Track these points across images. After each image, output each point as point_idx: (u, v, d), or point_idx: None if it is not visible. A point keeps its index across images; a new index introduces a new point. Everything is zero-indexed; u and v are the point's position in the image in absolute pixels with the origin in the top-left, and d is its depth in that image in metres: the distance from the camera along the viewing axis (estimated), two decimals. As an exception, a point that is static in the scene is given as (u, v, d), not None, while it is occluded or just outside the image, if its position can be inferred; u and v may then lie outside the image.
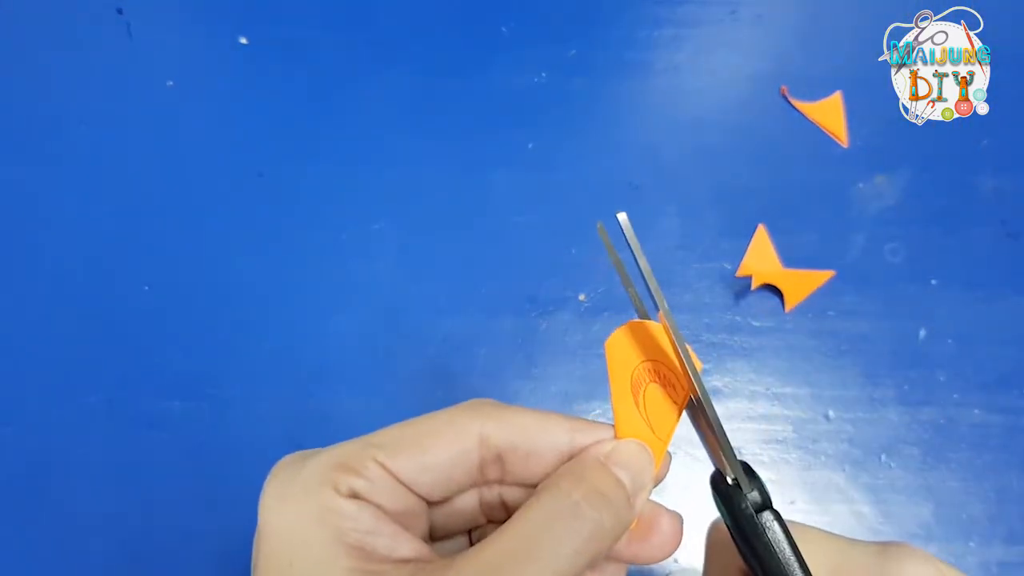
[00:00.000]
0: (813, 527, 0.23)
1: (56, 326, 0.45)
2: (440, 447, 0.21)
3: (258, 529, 0.20)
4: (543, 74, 0.51)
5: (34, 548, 0.41)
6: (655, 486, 0.22)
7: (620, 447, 0.21)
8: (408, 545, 0.20)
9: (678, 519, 0.22)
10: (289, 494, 0.20)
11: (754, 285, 0.45)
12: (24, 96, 0.51)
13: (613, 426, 0.22)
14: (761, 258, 0.46)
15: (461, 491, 0.22)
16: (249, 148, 0.49)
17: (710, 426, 0.21)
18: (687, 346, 0.21)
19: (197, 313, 0.45)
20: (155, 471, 0.42)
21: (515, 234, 0.47)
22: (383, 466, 0.20)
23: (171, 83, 0.51)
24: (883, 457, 0.42)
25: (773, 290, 0.46)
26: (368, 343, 0.44)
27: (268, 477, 0.21)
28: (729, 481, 0.21)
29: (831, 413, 0.43)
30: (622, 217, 0.20)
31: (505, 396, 0.44)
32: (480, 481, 0.22)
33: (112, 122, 0.50)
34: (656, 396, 0.22)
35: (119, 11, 0.53)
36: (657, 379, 0.22)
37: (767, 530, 0.20)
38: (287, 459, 0.21)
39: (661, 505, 0.22)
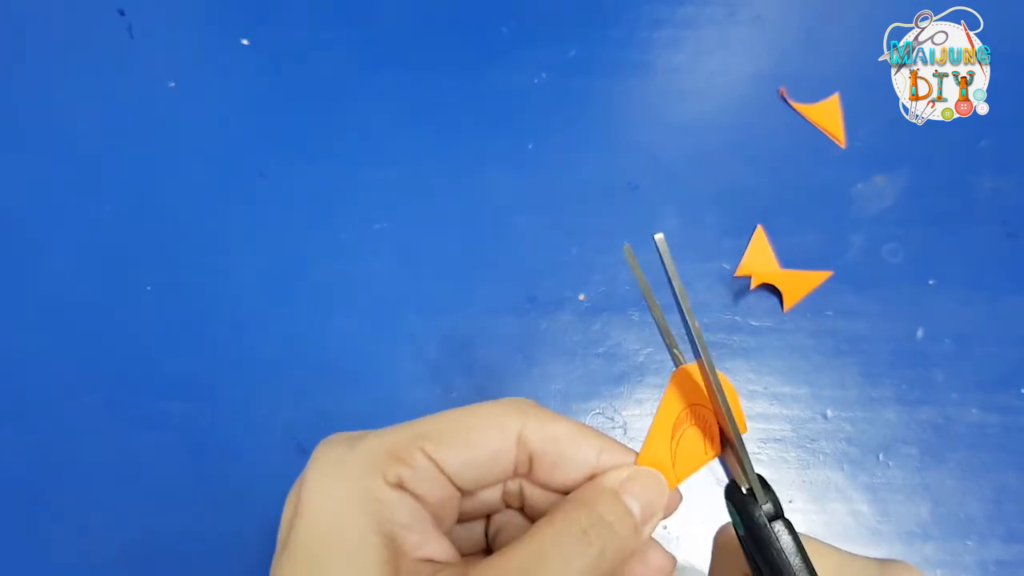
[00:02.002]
0: (817, 539, 0.23)
1: (56, 326, 0.45)
2: (485, 443, 0.21)
3: (298, 505, 0.20)
4: (543, 74, 0.52)
5: (34, 548, 0.41)
6: (665, 518, 0.23)
7: (636, 476, 0.22)
8: (434, 545, 0.20)
9: (670, 560, 0.23)
10: (336, 475, 0.20)
11: (753, 285, 0.45)
12: (25, 96, 0.51)
13: (638, 452, 0.23)
14: (760, 258, 0.46)
15: (495, 484, 0.23)
16: (250, 148, 0.49)
17: (730, 440, 0.22)
18: (718, 373, 0.21)
19: (198, 313, 0.45)
20: (155, 471, 0.42)
21: (515, 234, 0.47)
22: (430, 457, 0.21)
23: (173, 84, 0.51)
24: (881, 456, 0.43)
25: (772, 290, 0.46)
26: (368, 343, 0.45)
27: (313, 455, 0.21)
28: (744, 491, 0.22)
29: (829, 412, 0.44)
30: (659, 238, 0.21)
31: (505, 396, 0.44)
32: (511, 476, 0.23)
33: (113, 122, 0.50)
34: (692, 440, 0.23)
35: (121, 12, 0.53)
36: (697, 423, 0.23)
37: (779, 538, 0.21)
38: (332, 439, 0.22)
39: (657, 543, 0.23)
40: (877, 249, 0.47)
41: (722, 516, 0.28)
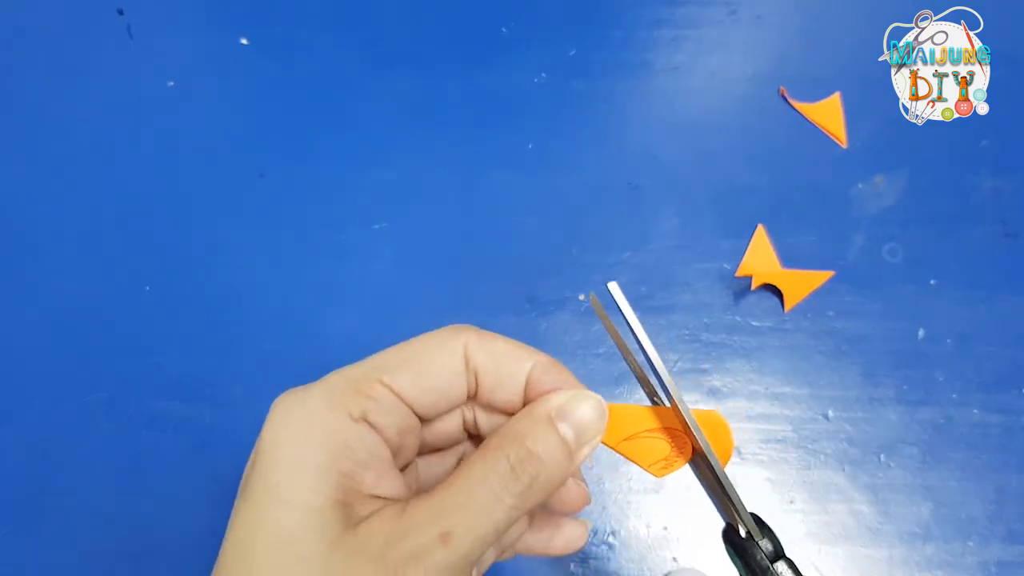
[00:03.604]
0: None
1: (57, 326, 0.45)
2: (437, 367, 0.22)
3: (256, 447, 0.21)
4: (543, 74, 0.52)
5: (34, 548, 0.41)
6: (596, 444, 0.22)
7: (573, 400, 0.22)
8: (389, 483, 0.21)
9: (584, 528, 0.24)
10: (297, 416, 0.21)
11: (754, 285, 0.45)
12: (25, 96, 0.51)
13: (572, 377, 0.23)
14: (760, 258, 0.46)
15: (452, 408, 0.23)
16: (250, 148, 0.49)
17: (721, 485, 0.22)
18: (714, 411, 0.22)
19: (197, 313, 0.45)
20: (155, 471, 0.42)
21: (515, 234, 0.47)
22: (389, 388, 0.21)
23: (172, 83, 0.51)
24: (882, 457, 0.43)
25: (772, 290, 0.46)
26: (368, 343, 0.44)
27: (273, 404, 0.22)
28: (742, 534, 0.22)
29: (830, 413, 0.43)
30: (613, 287, 0.21)
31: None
32: (465, 400, 0.23)
33: (112, 122, 0.50)
34: (656, 446, 0.23)
35: (120, 12, 0.53)
36: (671, 441, 0.23)
37: None
38: (292, 390, 0.22)
39: (572, 517, 0.24)
40: (877, 249, 0.47)
41: (720, 517, 0.28)
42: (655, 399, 0.23)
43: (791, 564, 0.21)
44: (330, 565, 0.19)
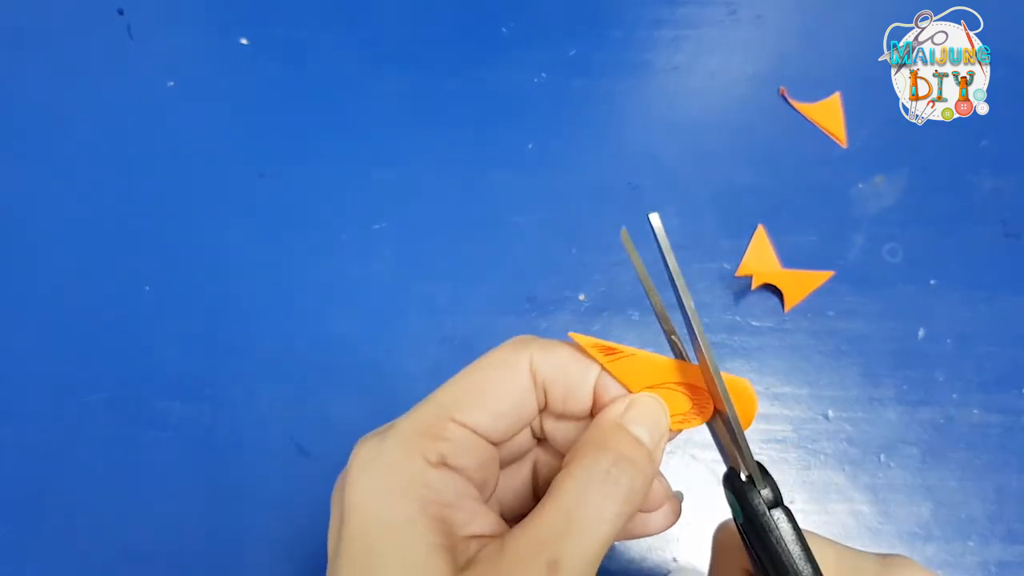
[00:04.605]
0: (818, 535, 0.23)
1: (56, 326, 0.45)
2: (505, 392, 0.21)
3: (343, 507, 0.20)
4: (543, 74, 0.52)
5: (34, 548, 0.41)
6: (670, 439, 0.23)
7: (634, 404, 0.22)
8: (481, 520, 0.20)
9: (676, 500, 0.24)
10: (376, 468, 0.20)
11: (754, 285, 0.45)
12: (24, 95, 0.51)
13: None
14: (761, 258, 0.46)
15: (526, 426, 0.23)
16: (249, 148, 0.49)
17: (727, 424, 0.21)
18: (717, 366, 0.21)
19: (197, 313, 0.45)
20: (155, 471, 0.42)
21: (515, 234, 0.47)
22: (462, 425, 0.21)
23: (172, 83, 0.51)
24: (882, 457, 0.43)
25: (773, 290, 0.46)
26: (368, 343, 0.44)
27: (351, 456, 0.21)
28: (743, 478, 0.22)
29: (830, 413, 0.43)
30: (654, 218, 0.20)
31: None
32: (537, 414, 0.23)
33: (112, 122, 0.50)
34: (675, 399, 0.23)
35: (120, 12, 0.53)
36: (688, 392, 0.23)
37: (778, 525, 0.21)
38: (364, 438, 0.22)
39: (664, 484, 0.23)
40: (877, 249, 0.47)
41: (721, 514, 0.28)
42: (672, 337, 0.23)
43: (788, 512, 0.21)
44: None
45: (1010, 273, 0.47)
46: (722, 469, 0.42)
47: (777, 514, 0.21)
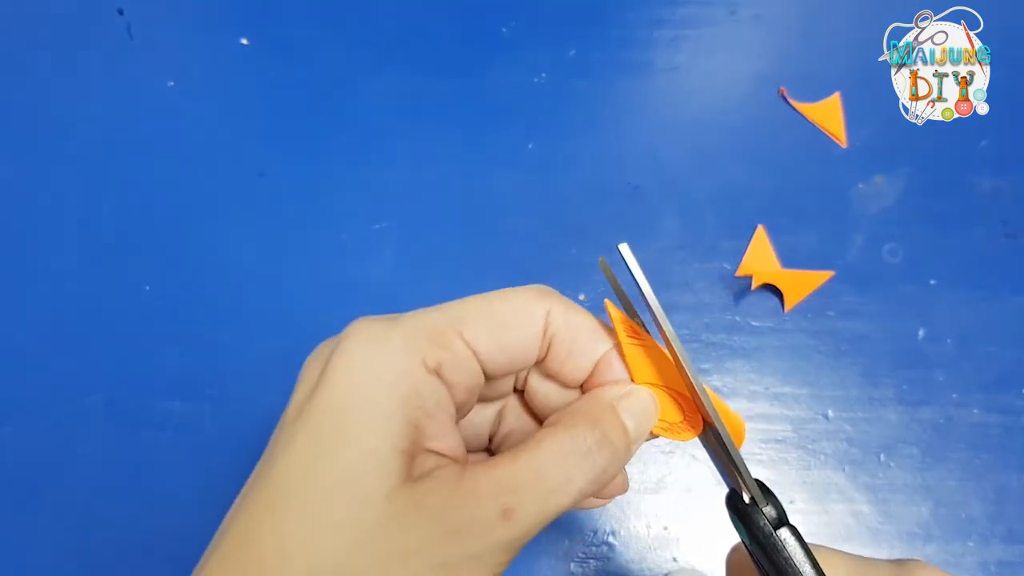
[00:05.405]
0: (828, 547, 0.23)
1: (56, 326, 0.45)
2: (517, 329, 0.21)
3: (325, 370, 0.20)
4: (543, 74, 0.52)
5: (34, 548, 0.41)
6: (648, 438, 0.22)
7: (633, 394, 0.22)
8: (449, 439, 0.20)
9: (624, 473, 0.24)
10: (375, 349, 0.20)
11: (754, 285, 0.45)
12: (25, 96, 0.51)
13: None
14: (761, 258, 0.46)
15: (519, 371, 0.23)
16: (249, 148, 0.49)
17: (725, 448, 0.21)
18: (704, 385, 0.21)
19: (197, 313, 0.45)
20: (155, 471, 0.42)
21: (515, 234, 0.47)
22: (468, 342, 0.20)
23: (172, 83, 0.51)
24: (882, 457, 0.43)
25: (773, 290, 0.46)
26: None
27: (349, 328, 0.21)
28: (746, 499, 0.22)
29: (830, 413, 0.43)
30: (624, 248, 0.20)
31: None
32: (533, 363, 0.23)
33: (112, 122, 0.50)
34: (668, 408, 0.23)
35: (120, 12, 0.53)
36: (678, 402, 0.23)
37: (786, 546, 0.21)
38: (368, 318, 0.21)
39: None
40: (877, 249, 0.47)
41: (721, 514, 0.28)
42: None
43: (794, 531, 0.21)
44: (386, 513, 0.18)
45: (1010, 273, 0.47)
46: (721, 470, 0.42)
47: (783, 534, 0.21)
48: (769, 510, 0.21)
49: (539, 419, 0.24)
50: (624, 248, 0.20)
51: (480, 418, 0.25)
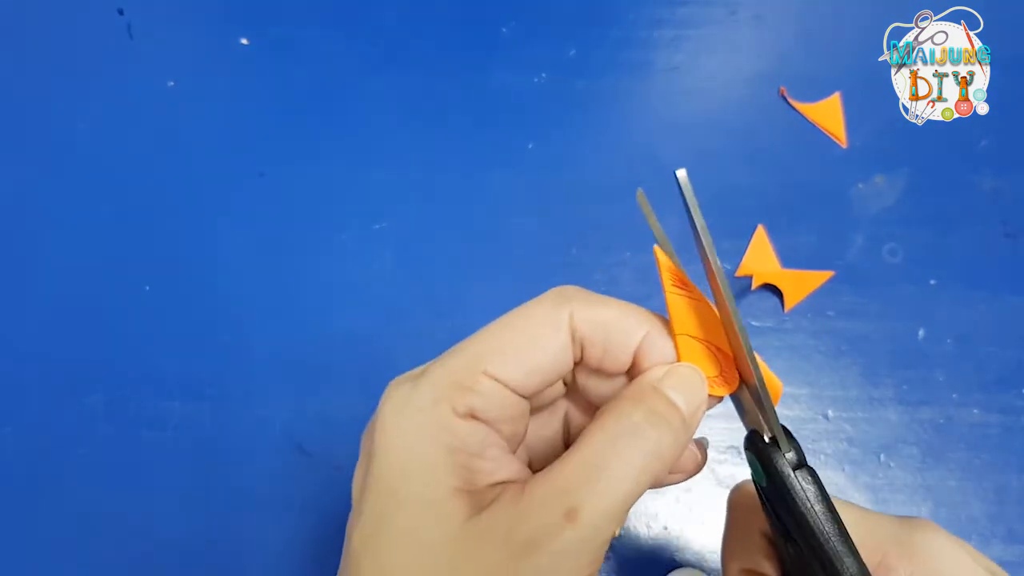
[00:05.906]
0: (837, 498, 0.23)
1: (56, 326, 0.45)
2: (542, 347, 0.21)
3: (372, 447, 0.20)
4: (543, 74, 0.52)
5: (34, 548, 0.41)
6: (709, 408, 0.22)
7: (673, 372, 0.22)
8: (507, 469, 0.20)
9: (702, 446, 0.23)
10: (406, 412, 0.20)
11: (754, 285, 0.45)
12: (24, 96, 0.51)
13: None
14: (760, 258, 0.46)
15: (558, 380, 0.23)
16: (249, 148, 0.49)
17: (751, 391, 0.21)
18: (736, 310, 0.21)
19: (197, 313, 0.45)
20: (155, 471, 0.42)
21: (515, 234, 0.47)
22: (494, 378, 0.20)
23: (172, 83, 0.51)
24: (882, 457, 0.43)
25: (772, 290, 0.46)
26: (368, 343, 0.44)
27: (382, 398, 0.21)
28: (766, 439, 0.21)
29: (830, 413, 0.43)
30: (681, 174, 0.20)
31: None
32: (571, 368, 0.22)
33: (112, 122, 0.50)
34: (704, 363, 0.22)
35: (120, 11, 0.53)
36: (711, 353, 0.22)
37: (804, 487, 0.21)
38: (397, 381, 0.22)
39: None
40: (877, 249, 0.47)
41: (721, 516, 0.28)
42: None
43: (812, 473, 0.21)
44: (456, 552, 0.18)
45: (1010, 273, 0.47)
46: (724, 468, 0.42)
47: (802, 475, 0.21)
48: (791, 454, 0.21)
49: None
50: (681, 174, 0.20)
51: (546, 430, 0.24)
